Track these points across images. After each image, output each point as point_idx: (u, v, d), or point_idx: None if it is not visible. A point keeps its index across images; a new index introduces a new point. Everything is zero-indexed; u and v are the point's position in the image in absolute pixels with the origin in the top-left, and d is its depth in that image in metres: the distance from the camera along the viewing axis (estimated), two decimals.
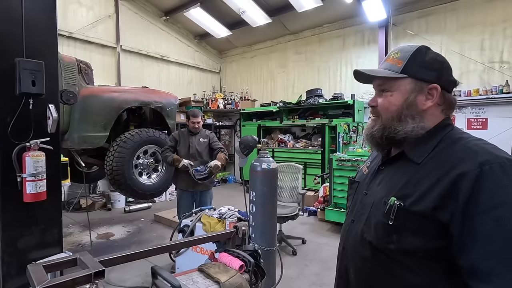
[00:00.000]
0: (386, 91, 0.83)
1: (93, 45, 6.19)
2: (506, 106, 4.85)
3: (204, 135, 3.41)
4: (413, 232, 0.71)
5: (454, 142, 0.75)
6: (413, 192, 0.73)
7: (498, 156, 0.66)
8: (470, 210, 0.63)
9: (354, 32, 6.53)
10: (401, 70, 0.80)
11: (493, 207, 0.61)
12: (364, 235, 0.83)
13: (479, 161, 0.66)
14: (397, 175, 0.81)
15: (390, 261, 0.75)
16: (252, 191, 2.20)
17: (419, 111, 0.80)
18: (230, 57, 9.05)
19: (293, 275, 3.06)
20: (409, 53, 0.81)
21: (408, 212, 0.72)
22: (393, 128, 0.81)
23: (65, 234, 4.20)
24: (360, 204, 0.90)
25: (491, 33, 4.99)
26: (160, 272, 1.18)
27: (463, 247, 0.64)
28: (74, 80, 2.95)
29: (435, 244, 0.69)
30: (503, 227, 0.60)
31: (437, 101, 0.80)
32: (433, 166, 0.73)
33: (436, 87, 0.79)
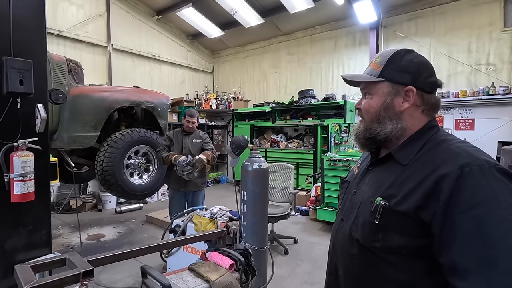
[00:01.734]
0: (368, 94, 0.88)
1: (84, 44, 6.11)
2: (492, 107, 4.98)
3: (197, 136, 3.38)
4: (397, 231, 0.74)
5: (439, 144, 0.78)
6: (397, 192, 0.76)
7: (478, 158, 0.68)
8: (450, 209, 0.65)
9: (345, 33, 6.61)
10: (378, 74, 0.85)
11: (472, 207, 0.64)
12: (352, 233, 0.86)
13: (460, 163, 0.68)
14: (384, 176, 0.84)
15: (376, 258, 0.78)
16: (243, 190, 2.21)
17: (396, 113, 0.83)
18: (223, 57, 9.05)
19: (284, 274, 3.08)
20: (386, 57, 0.85)
21: (393, 211, 0.75)
22: (373, 129, 0.86)
23: (55, 235, 4.14)
24: (349, 203, 0.93)
25: (478, 36, 5.12)
26: (150, 272, 1.18)
27: (444, 245, 0.66)
28: (64, 79, 2.91)
29: (418, 243, 0.71)
30: (481, 226, 0.62)
31: (415, 103, 0.82)
32: (418, 167, 0.76)
33: (411, 89, 0.82)
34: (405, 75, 0.82)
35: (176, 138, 3.30)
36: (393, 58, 0.84)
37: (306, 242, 3.96)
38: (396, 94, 0.83)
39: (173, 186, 3.30)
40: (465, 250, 0.63)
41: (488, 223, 0.62)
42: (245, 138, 2.19)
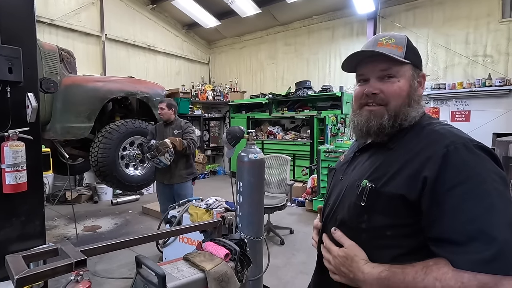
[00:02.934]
0: (392, 77, 0.80)
1: (76, 33, 5.99)
2: (488, 99, 4.99)
3: (178, 126, 3.16)
4: (383, 212, 0.75)
5: (424, 127, 0.79)
6: (384, 174, 0.76)
7: (462, 137, 0.71)
8: (438, 187, 0.67)
9: (343, 24, 6.54)
10: (404, 55, 0.79)
11: (459, 183, 0.66)
12: (338, 216, 0.87)
13: (445, 143, 0.70)
14: (371, 160, 0.84)
15: (362, 239, 0.79)
16: (239, 181, 2.21)
17: (418, 98, 0.82)
18: (219, 47, 8.93)
19: (280, 264, 3.11)
20: (404, 39, 0.81)
21: (379, 192, 0.75)
22: (405, 114, 0.79)
23: (50, 227, 4.13)
24: (335, 188, 0.94)
25: (475, 27, 5.09)
26: (144, 261, 1.17)
27: (433, 221, 0.68)
28: (56, 68, 2.85)
29: (403, 222, 0.73)
30: (468, 201, 0.65)
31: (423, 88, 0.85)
32: (404, 149, 0.77)
33: (424, 75, 0.84)
34: (420, 61, 0.84)
35: (158, 131, 3.17)
36: (409, 42, 0.82)
37: (302, 233, 4.00)
38: (415, 78, 0.82)
39: (158, 179, 3.21)
40: (454, 225, 0.65)
41: (474, 198, 0.64)
42: (241, 129, 2.17)
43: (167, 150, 2.81)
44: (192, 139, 3.05)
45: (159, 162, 2.87)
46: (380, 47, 0.80)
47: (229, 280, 1.30)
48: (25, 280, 0.86)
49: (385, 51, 0.79)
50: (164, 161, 2.87)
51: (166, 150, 2.81)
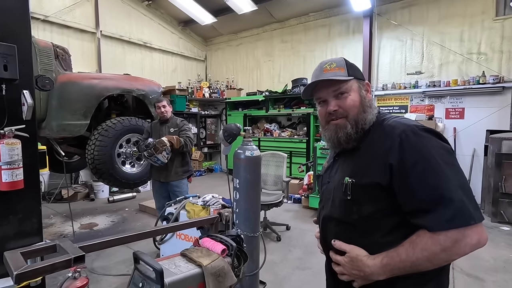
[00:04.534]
0: (344, 93, 0.96)
1: (71, 30, 5.93)
2: (482, 96, 5.05)
3: (174, 124, 3.15)
4: (366, 201, 0.90)
5: (381, 124, 0.95)
6: (359, 170, 0.92)
7: (409, 125, 0.87)
8: (401, 170, 0.82)
9: (339, 21, 6.54)
10: (347, 74, 0.96)
11: (416, 163, 0.81)
12: (332, 215, 1.01)
13: (397, 133, 0.86)
14: (347, 162, 1.00)
15: (356, 228, 0.93)
16: (236, 178, 2.23)
17: (370, 102, 0.98)
18: (216, 45, 8.90)
19: (277, 260, 3.15)
20: (342, 61, 0.99)
21: (359, 185, 0.91)
22: (363, 119, 0.95)
23: (47, 224, 4.12)
24: (325, 192, 1.09)
25: (470, 25, 5.13)
26: (142, 257, 1.19)
27: (404, 197, 0.83)
28: (51, 65, 2.83)
29: (384, 205, 0.87)
30: (426, 174, 0.80)
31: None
32: (370, 146, 0.93)
33: (368, 83, 1.01)
34: (360, 73, 1.00)
35: (154, 129, 3.16)
36: (347, 62, 0.99)
37: (298, 229, 4.03)
38: (362, 88, 0.99)
39: (154, 177, 3.21)
40: (420, 197, 0.80)
41: (430, 172, 0.80)
42: (237, 126, 2.19)
43: (164, 148, 2.81)
44: (188, 137, 3.05)
45: (157, 160, 2.87)
46: (326, 73, 0.97)
47: (226, 275, 1.32)
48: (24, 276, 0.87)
49: (331, 75, 0.96)
50: (162, 159, 2.87)
51: (163, 148, 2.81)
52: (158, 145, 2.80)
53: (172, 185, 3.13)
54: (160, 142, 2.82)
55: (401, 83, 5.77)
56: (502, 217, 4.14)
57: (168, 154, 2.89)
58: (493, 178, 4.27)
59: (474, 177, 5.09)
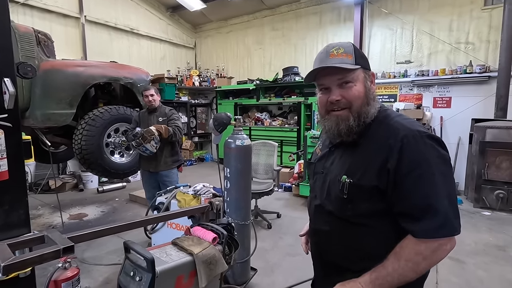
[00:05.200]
0: (349, 83, 0.90)
1: (54, 15, 5.68)
2: (468, 85, 5.14)
3: (163, 113, 3.10)
4: (363, 200, 0.90)
5: (381, 122, 0.92)
6: (358, 169, 0.90)
7: (412, 130, 0.85)
8: (398, 174, 0.83)
9: (330, 9, 6.48)
10: (354, 62, 0.90)
11: (412, 170, 0.82)
12: (326, 207, 1.00)
13: (400, 137, 0.84)
14: (345, 156, 0.96)
15: (349, 223, 0.94)
16: (227, 167, 2.23)
17: (373, 96, 0.94)
18: (205, 32, 8.70)
19: (268, 247, 3.20)
20: (351, 47, 0.92)
21: (356, 186, 0.89)
22: (366, 112, 0.91)
23: (35, 216, 4.06)
24: (319, 182, 1.05)
25: (459, 14, 5.17)
26: (132, 246, 1.19)
27: (396, 201, 0.85)
28: (33, 52, 2.72)
29: (379, 206, 0.88)
30: (419, 182, 0.81)
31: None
32: (370, 145, 0.90)
33: (373, 73, 0.97)
34: (367, 62, 0.94)
35: (142, 119, 3.11)
36: (355, 48, 0.92)
37: (289, 217, 4.10)
38: (368, 79, 0.93)
39: (143, 167, 3.17)
40: (410, 202, 0.82)
41: (423, 180, 0.81)
42: (228, 115, 2.18)
43: (152, 138, 2.78)
44: (177, 126, 3.01)
45: (145, 150, 2.84)
46: (333, 58, 0.90)
47: (217, 262, 1.34)
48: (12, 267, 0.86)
49: (337, 61, 0.89)
50: (150, 148, 2.84)
51: (151, 137, 2.78)
52: (146, 134, 2.76)
53: (161, 175, 3.11)
54: (148, 132, 2.78)
55: (391, 72, 5.82)
56: (484, 203, 4.31)
57: (156, 143, 2.85)
58: (476, 165, 4.41)
59: (458, 165, 5.24)
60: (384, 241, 0.89)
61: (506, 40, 4.39)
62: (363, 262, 0.92)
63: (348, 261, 0.97)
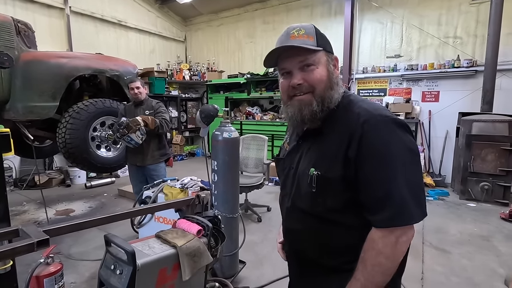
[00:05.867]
0: (310, 65, 0.85)
1: (37, 5, 5.48)
2: (456, 79, 5.21)
3: (149, 106, 3.04)
4: (331, 193, 0.86)
5: (345, 108, 0.87)
6: (323, 160, 0.86)
7: (374, 114, 0.81)
8: (357, 164, 0.80)
9: (321, 2, 6.45)
10: (316, 44, 0.85)
11: (371, 157, 0.79)
12: (296, 203, 0.96)
13: (360, 123, 0.80)
14: (313, 148, 0.92)
15: (319, 219, 0.90)
16: (214, 160, 2.21)
17: (337, 80, 0.89)
18: (195, 25, 8.57)
19: (257, 240, 3.21)
20: (312, 29, 0.87)
21: (324, 178, 0.85)
22: (329, 97, 0.86)
23: (19, 212, 3.96)
24: (289, 178, 1.00)
25: (448, 8, 5.21)
26: (113, 239, 1.16)
27: (359, 190, 0.81)
28: (12, 42, 2.62)
29: (349, 197, 0.84)
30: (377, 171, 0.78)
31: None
32: (333, 134, 0.86)
33: (337, 58, 0.91)
34: (330, 46, 0.89)
35: (128, 112, 3.05)
36: (317, 30, 0.88)
37: (279, 210, 4.07)
38: (330, 62, 0.88)
39: (130, 161, 3.12)
40: (368, 192, 0.80)
41: (381, 168, 0.78)
42: (215, 107, 2.14)
43: (138, 128, 2.71)
44: (164, 119, 2.96)
45: (130, 141, 2.75)
46: (293, 40, 0.85)
47: (201, 255, 1.32)
48: None
49: (298, 43, 0.84)
50: (136, 139, 2.75)
51: (137, 128, 2.71)
52: (131, 124, 2.69)
53: (149, 169, 3.06)
54: (133, 121, 2.71)
55: (381, 66, 5.85)
56: (470, 195, 4.40)
57: (142, 134, 2.78)
58: (463, 158, 4.49)
59: (445, 158, 5.34)
60: (358, 236, 0.85)
61: (492, 35, 4.45)
62: (339, 258, 0.90)
63: (324, 259, 0.93)
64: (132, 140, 2.74)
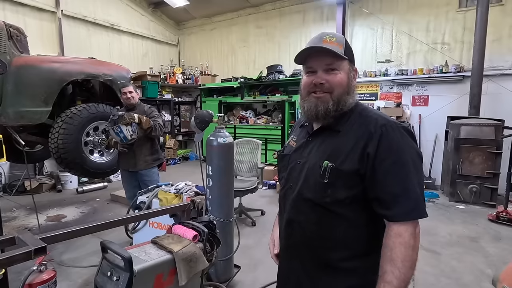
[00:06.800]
0: (334, 70, 0.95)
1: (27, 8, 5.43)
2: (444, 84, 5.35)
3: (142, 111, 3.00)
4: (342, 185, 0.92)
5: (360, 114, 0.97)
6: (339, 155, 0.93)
7: (390, 120, 0.93)
8: (376, 160, 0.88)
9: (313, 8, 6.55)
10: (343, 52, 0.94)
11: (388, 156, 0.87)
12: (303, 195, 0.99)
13: (379, 125, 0.91)
14: (325, 144, 0.98)
15: (326, 210, 0.94)
16: (209, 165, 2.23)
17: (353, 88, 0.99)
18: (189, 28, 8.59)
19: (251, 244, 3.22)
20: (343, 39, 0.97)
21: (338, 170, 0.91)
22: (344, 101, 0.96)
23: (9, 218, 3.89)
24: (295, 172, 1.04)
25: (436, 15, 5.36)
26: (109, 246, 1.17)
27: (372, 186, 0.89)
28: (4, 47, 2.60)
29: (358, 191, 0.91)
30: (394, 168, 0.87)
31: None
32: (350, 133, 0.94)
33: (356, 69, 1.01)
34: (353, 58, 1.00)
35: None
36: (346, 41, 0.97)
37: (273, 214, 4.11)
38: (351, 71, 0.98)
39: (122, 167, 3.09)
40: (385, 187, 0.87)
41: (399, 166, 0.87)
42: (210, 113, 2.16)
43: (131, 122, 2.66)
44: (158, 123, 2.95)
45: (119, 132, 2.64)
46: (325, 44, 0.94)
47: (197, 260, 1.34)
48: None
49: (329, 47, 0.93)
50: (125, 132, 2.65)
51: (130, 121, 2.66)
52: (126, 116, 2.64)
53: (141, 174, 3.03)
54: (129, 114, 2.67)
55: (372, 71, 5.96)
56: (459, 197, 4.51)
57: (133, 132, 2.70)
58: (451, 161, 4.60)
59: (435, 161, 5.45)
60: (357, 232, 0.93)
61: (478, 41, 4.59)
62: (337, 253, 0.94)
63: (323, 252, 0.96)
64: (122, 132, 2.63)
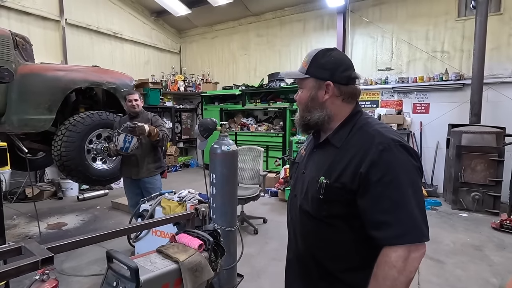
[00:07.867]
0: (300, 88, 1.05)
1: (32, 17, 5.50)
2: (445, 92, 5.38)
3: (145, 119, 3.00)
4: (337, 201, 0.94)
5: (361, 128, 0.97)
6: (334, 171, 0.95)
7: (387, 138, 0.90)
8: (367, 180, 0.87)
9: (314, 16, 6.64)
10: (305, 71, 1.01)
11: (383, 175, 0.85)
12: (303, 206, 1.04)
13: (375, 144, 0.89)
14: (325, 157, 1.01)
15: (323, 223, 0.98)
16: (212, 173, 2.22)
17: (320, 103, 1.00)
18: (190, 37, 8.68)
19: (254, 252, 3.19)
20: (311, 57, 1.01)
21: (332, 187, 0.93)
22: (305, 117, 1.04)
23: (9, 226, 3.87)
24: (299, 182, 1.10)
25: (435, 24, 5.42)
26: (115, 255, 1.16)
27: (364, 206, 0.88)
28: (10, 56, 2.63)
29: (353, 208, 0.91)
30: (388, 190, 0.84)
31: (334, 94, 0.99)
32: (348, 149, 0.95)
33: (329, 83, 0.98)
34: (325, 72, 0.99)
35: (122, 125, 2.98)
36: (316, 57, 1.00)
37: (275, 222, 4.11)
38: (319, 88, 1.00)
39: (125, 174, 3.09)
40: (377, 209, 0.86)
41: (392, 187, 0.84)
42: (213, 121, 2.17)
43: (139, 135, 2.68)
44: (165, 133, 2.96)
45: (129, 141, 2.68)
46: (301, 65, 1.04)
47: (203, 270, 1.33)
48: None
49: (299, 69, 1.04)
50: (132, 144, 2.70)
51: (139, 135, 2.68)
52: (138, 128, 2.65)
53: (144, 182, 3.02)
54: (140, 128, 2.67)
55: (373, 78, 6.00)
56: (461, 204, 4.49)
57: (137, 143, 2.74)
58: (453, 168, 4.60)
59: (437, 168, 5.45)
60: (353, 245, 0.94)
61: (478, 49, 4.64)
62: (336, 263, 0.98)
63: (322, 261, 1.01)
64: (130, 142, 2.68)
